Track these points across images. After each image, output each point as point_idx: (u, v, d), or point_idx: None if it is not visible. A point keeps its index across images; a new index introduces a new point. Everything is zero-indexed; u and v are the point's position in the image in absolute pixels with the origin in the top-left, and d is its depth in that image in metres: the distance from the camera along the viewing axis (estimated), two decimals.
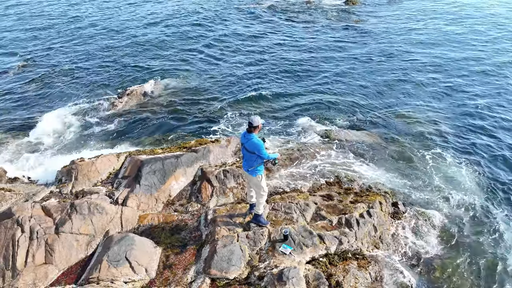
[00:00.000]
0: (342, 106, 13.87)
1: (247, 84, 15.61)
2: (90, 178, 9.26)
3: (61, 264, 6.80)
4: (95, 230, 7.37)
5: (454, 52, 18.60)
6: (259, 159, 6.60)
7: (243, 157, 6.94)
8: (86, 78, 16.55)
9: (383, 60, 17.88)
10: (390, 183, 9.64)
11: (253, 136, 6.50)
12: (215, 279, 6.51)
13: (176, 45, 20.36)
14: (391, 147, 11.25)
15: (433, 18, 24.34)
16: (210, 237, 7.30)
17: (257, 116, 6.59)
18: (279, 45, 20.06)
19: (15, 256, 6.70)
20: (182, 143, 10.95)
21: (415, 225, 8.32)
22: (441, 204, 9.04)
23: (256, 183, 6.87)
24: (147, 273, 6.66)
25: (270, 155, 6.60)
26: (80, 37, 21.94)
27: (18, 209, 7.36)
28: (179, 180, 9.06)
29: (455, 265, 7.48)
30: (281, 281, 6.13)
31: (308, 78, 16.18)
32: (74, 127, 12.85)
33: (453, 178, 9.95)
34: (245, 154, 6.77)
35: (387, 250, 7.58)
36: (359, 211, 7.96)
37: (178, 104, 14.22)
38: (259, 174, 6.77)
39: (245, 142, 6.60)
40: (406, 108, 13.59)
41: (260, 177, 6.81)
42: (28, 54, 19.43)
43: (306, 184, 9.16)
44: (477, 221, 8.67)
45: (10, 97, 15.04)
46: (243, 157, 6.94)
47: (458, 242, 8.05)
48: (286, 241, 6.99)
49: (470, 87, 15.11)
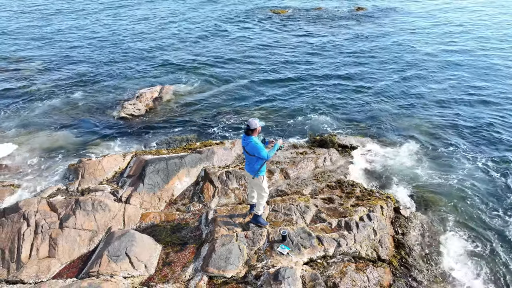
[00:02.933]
0: (347, 111, 13.90)
1: (255, 91, 15.77)
2: (96, 177, 9.48)
3: (63, 258, 6.97)
4: (98, 226, 7.54)
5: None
6: (260, 160, 6.65)
7: (245, 159, 7.03)
8: (95, 81, 16.94)
9: (385, 61, 17.88)
10: (390, 188, 9.63)
11: (252, 138, 6.53)
12: (212, 277, 6.59)
13: (187, 50, 20.72)
14: (395, 152, 11.21)
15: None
16: (209, 236, 7.39)
17: (256, 119, 6.63)
18: (291, 52, 20.21)
19: (20, 249, 6.91)
20: (187, 145, 11.12)
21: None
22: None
23: (257, 183, 6.94)
24: (146, 269, 6.78)
25: (270, 154, 6.58)
26: (91, 40, 22.51)
27: (25, 204, 7.59)
28: (182, 180, 9.21)
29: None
30: (276, 280, 6.17)
31: (313, 83, 16.26)
32: (83, 128, 13.15)
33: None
34: (246, 157, 6.84)
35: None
36: (359, 214, 7.95)
37: (186, 108, 14.46)
38: (260, 175, 6.84)
39: (246, 146, 6.66)
40: (412, 113, 13.56)
41: (262, 178, 6.86)
42: (40, 57, 19.97)
43: (307, 187, 9.19)
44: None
45: (16, 99, 15.47)
46: (245, 159, 7.03)
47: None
48: (284, 241, 7.03)
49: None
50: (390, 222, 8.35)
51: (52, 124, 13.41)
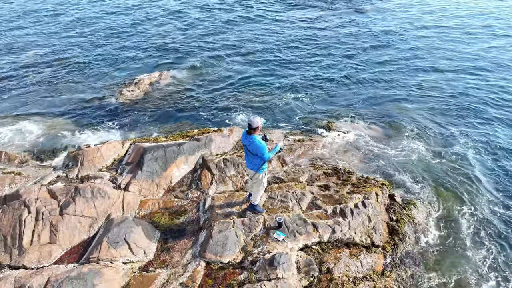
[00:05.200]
0: (345, 98, 13.91)
1: (255, 77, 15.71)
2: (96, 164, 9.57)
3: (64, 244, 7.13)
4: (97, 213, 7.68)
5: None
6: (262, 159, 6.70)
7: (245, 156, 7.01)
8: (93, 67, 16.87)
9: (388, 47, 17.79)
10: (386, 175, 9.76)
11: (255, 138, 6.45)
12: (210, 262, 6.76)
13: (186, 36, 20.53)
14: (392, 139, 11.30)
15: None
16: (207, 223, 7.55)
17: (257, 116, 6.52)
18: (292, 39, 20.02)
19: (22, 235, 7.07)
20: (185, 132, 11.18)
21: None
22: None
23: (257, 177, 7.03)
24: (145, 255, 6.95)
25: (271, 154, 6.63)
26: (88, 27, 22.28)
27: (25, 191, 7.71)
28: (180, 167, 9.31)
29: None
30: (272, 266, 6.35)
31: (313, 71, 16.21)
32: (82, 115, 13.19)
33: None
34: (248, 155, 6.80)
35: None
36: (354, 201, 8.09)
37: (184, 95, 14.45)
38: (263, 171, 6.93)
39: (248, 145, 6.58)
40: (412, 100, 13.60)
41: (264, 174, 6.97)
42: (36, 46, 19.77)
43: (304, 174, 9.31)
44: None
45: (15, 86, 15.45)
46: (245, 156, 7.01)
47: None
48: (280, 228, 7.19)
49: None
50: (385, 209, 8.50)
51: (50, 110, 13.44)
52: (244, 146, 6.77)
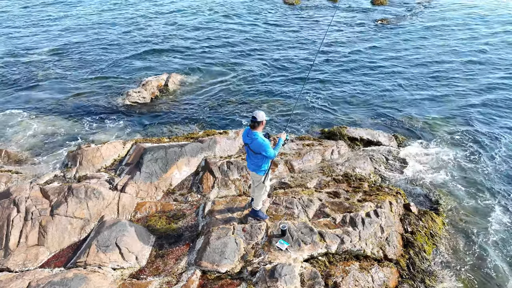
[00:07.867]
0: (355, 103, 13.31)
1: (264, 83, 15.22)
2: (95, 164, 9.19)
3: (53, 247, 6.69)
4: (90, 215, 7.23)
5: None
6: (265, 158, 6.16)
7: (246, 156, 6.49)
8: (101, 68, 16.67)
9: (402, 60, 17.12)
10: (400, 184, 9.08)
11: (257, 135, 5.97)
12: (206, 271, 6.22)
13: (196, 40, 20.28)
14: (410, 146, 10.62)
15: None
16: (205, 228, 7.01)
17: (261, 111, 6.05)
18: (300, 46, 19.57)
19: (9, 235, 6.66)
20: (189, 134, 10.75)
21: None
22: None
23: (259, 180, 6.46)
24: (137, 260, 6.45)
25: (276, 150, 6.11)
26: (98, 28, 22.22)
27: (16, 190, 7.34)
28: (181, 169, 8.84)
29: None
30: (272, 277, 5.76)
31: (323, 75, 15.67)
32: (87, 115, 12.92)
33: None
34: (249, 154, 6.28)
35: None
36: (366, 210, 7.45)
37: (192, 97, 14.08)
38: (265, 172, 6.36)
39: (250, 143, 6.08)
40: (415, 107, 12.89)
41: (265, 176, 6.37)
42: (43, 45, 19.77)
43: (312, 180, 8.71)
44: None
45: (21, 85, 15.33)
46: (246, 156, 6.49)
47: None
48: (283, 236, 6.60)
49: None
50: (399, 219, 7.82)
51: (55, 109, 13.23)
52: (245, 145, 6.24)
